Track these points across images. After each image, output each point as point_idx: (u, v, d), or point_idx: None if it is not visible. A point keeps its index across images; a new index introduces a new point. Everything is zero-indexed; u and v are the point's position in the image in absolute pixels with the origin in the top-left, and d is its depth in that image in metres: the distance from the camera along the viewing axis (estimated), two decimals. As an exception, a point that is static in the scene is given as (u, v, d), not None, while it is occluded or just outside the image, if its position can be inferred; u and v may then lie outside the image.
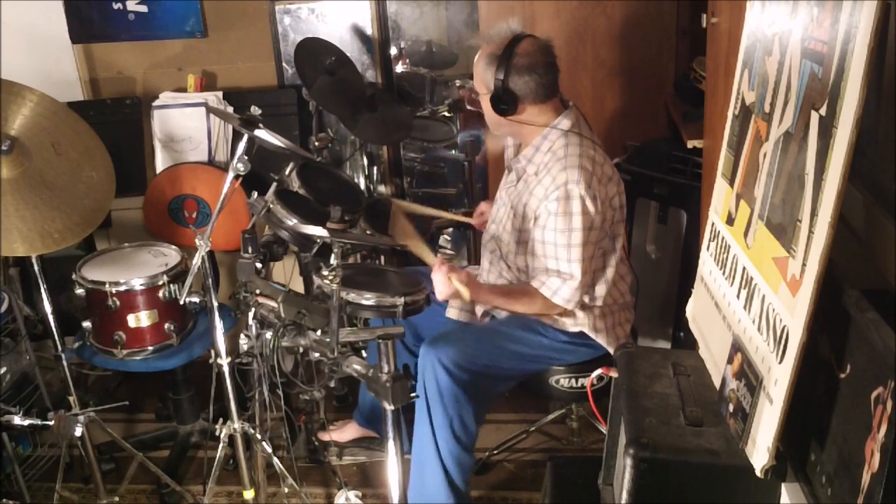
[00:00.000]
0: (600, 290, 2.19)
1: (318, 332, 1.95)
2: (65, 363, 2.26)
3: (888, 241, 1.21)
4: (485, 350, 2.13)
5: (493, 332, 2.22)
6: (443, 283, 2.03)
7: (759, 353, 1.31)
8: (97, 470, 2.35)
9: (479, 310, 2.33)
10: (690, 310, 1.78)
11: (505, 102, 2.10)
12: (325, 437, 2.67)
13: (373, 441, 2.67)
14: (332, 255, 1.84)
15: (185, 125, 3.01)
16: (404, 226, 2.26)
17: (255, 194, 2.09)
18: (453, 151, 3.66)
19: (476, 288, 2.11)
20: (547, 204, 2.06)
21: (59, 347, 2.25)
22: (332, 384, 1.98)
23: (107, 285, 2.35)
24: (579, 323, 2.18)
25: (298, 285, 2.65)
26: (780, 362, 1.22)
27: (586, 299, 2.18)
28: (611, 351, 2.19)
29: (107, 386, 3.18)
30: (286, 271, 3.06)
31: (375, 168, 3.13)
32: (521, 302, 2.15)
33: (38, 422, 2.20)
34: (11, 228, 1.93)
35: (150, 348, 2.44)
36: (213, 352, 2.08)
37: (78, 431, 2.19)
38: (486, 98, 2.14)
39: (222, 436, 2.14)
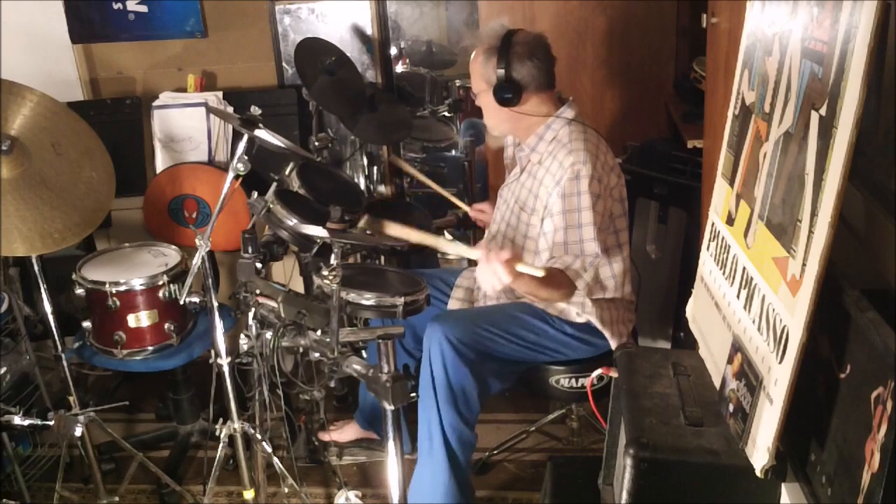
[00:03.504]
0: (608, 282, 2.19)
1: (318, 332, 1.95)
2: (65, 363, 2.26)
3: (888, 241, 1.21)
4: (489, 332, 2.13)
5: (500, 314, 2.21)
6: (501, 273, 1.85)
7: (759, 353, 1.31)
8: (97, 470, 2.35)
9: (479, 304, 2.33)
10: (690, 310, 1.78)
11: (509, 91, 2.10)
12: (325, 437, 2.67)
13: (373, 442, 2.67)
14: (332, 255, 1.84)
15: (185, 125, 3.01)
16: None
17: (255, 194, 2.09)
18: (453, 151, 3.66)
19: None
20: (557, 189, 2.06)
21: (59, 347, 2.25)
22: (332, 384, 1.98)
23: (107, 285, 2.35)
24: (586, 311, 2.17)
25: (298, 285, 2.65)
26: (780, 362, 1.22)
27: (596, 291, 2.18)
28: (612, 346, 2.19)
29: (107, 386, 3.18)
30: (286, 271, 3.07)
31: (375, 168, 3.13)
32: (548, 287, 2.05)
33: (38, 422, 2.20)
34: (11, 228, 1.93)
35: (150, 348, 2.44)
36: (213, 352, 2.08)
37: (78, 431, 2.19)
38: (488, 93, 2.14)
39: (222, 436, 2.14)
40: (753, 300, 1.36)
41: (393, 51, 3.27)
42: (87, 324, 2.46)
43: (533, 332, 2.18)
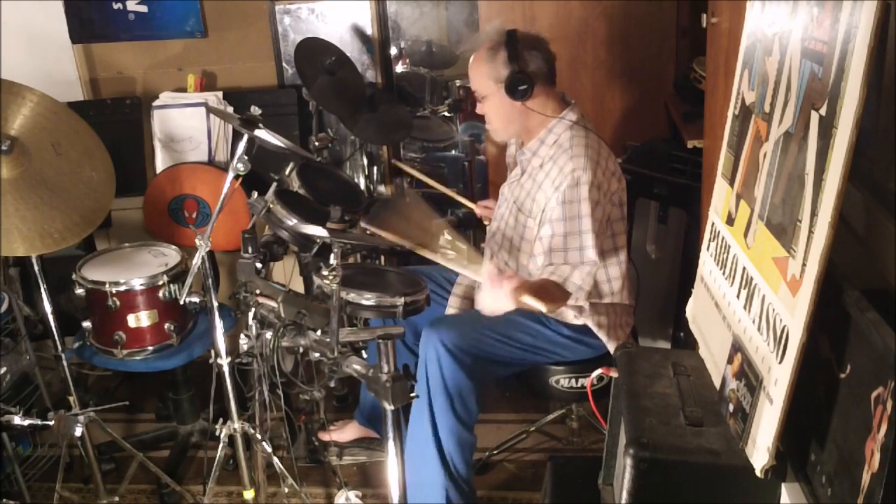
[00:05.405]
0: (604, 287, 2.19)
1: (318, 332, 1.95)
2: (65, 363, 2.26)
3: (888, 241, 1.21)
4: (486, 336, 2.13)
5: (496, 318, 2.21)
6: (505, 300, 1.87)
7: (759, 353, 1.31)
8: (97, 470, 2.35)
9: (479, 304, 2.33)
10: (690, 310, 1.78)
11: (522, 83, 2.10)
12: (325, 437, 2.67)
13: (373, 441, 2.67)
14: (332, 255, 1.84)
15: (185, 125, 3.01)
16: (427, 223, 2.20)
17: (255, 194, 2.09)
18: (453, 151, 3.66)
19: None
20: (556, 195, 2.06)
21: (59, 347, 2.25)
22: (332, 384, 1.98)
23: (107, 285, 2.35)
24: (583, 315, 2.17)
25: (298, 285, 2.64)
26: (780, 362, 1.22)
27: (592, 296, 2.17)
28: (610, 349, 2.19)
29: (107, 386, 3.18)
30: (286, 271, 3.06)
31: (375, 168, 3.14)
32: (545, 304, 1.99)
33: (38, 422, 2.20)
34: (11, 228, 1.93)
35: (150, 348, 2.44)
36: (213, 352, 2.08)
37: (78, 431, 2.19)
38: (498, 92, 2.13)
39: (222, 436, 2.14)
40: (753, 300, 1.36)
41: (393, 51, 3.28)
42: (87, 324, 2.46)
43: (529, 335, 2.18)
